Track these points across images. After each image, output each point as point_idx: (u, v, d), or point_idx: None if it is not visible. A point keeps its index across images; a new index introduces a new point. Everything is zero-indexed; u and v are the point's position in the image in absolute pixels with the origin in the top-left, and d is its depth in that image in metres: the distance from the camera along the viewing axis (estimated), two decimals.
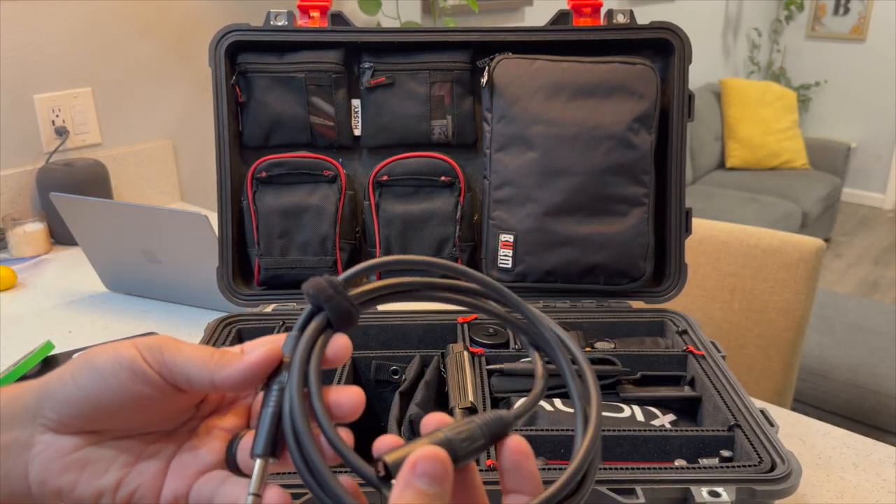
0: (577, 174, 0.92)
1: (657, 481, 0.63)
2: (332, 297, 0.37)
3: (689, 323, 0.92)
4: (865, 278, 3.81)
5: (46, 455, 0.37)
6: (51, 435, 0.38)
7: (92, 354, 0.37)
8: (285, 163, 0.96)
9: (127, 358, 0.37)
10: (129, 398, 0.37)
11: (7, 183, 1.59)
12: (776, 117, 4.05)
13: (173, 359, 0.37)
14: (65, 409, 0.37)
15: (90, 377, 0.37)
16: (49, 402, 0.37)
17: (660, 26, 0.92)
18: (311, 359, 0.36)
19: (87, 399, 0.37)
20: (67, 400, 0.37)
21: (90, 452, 0.38)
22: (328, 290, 0.37)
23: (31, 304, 1.31)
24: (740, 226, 1.51)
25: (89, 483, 0.38)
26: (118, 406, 0.37)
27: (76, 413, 0.37)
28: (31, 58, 1.60)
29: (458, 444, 0.33)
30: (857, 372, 2.07)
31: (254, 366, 0.37)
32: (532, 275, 0.94)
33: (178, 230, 1.17)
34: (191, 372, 0.37)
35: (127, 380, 0.36)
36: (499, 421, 0.36)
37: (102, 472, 0.38)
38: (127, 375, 0.36)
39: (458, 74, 0.96)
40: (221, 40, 0.93)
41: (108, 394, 0.36)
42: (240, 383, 0.37)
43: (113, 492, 0.38)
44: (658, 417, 0.78)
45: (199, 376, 0.37)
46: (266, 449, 0.35)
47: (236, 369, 0.37)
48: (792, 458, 0.65)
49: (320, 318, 0.37)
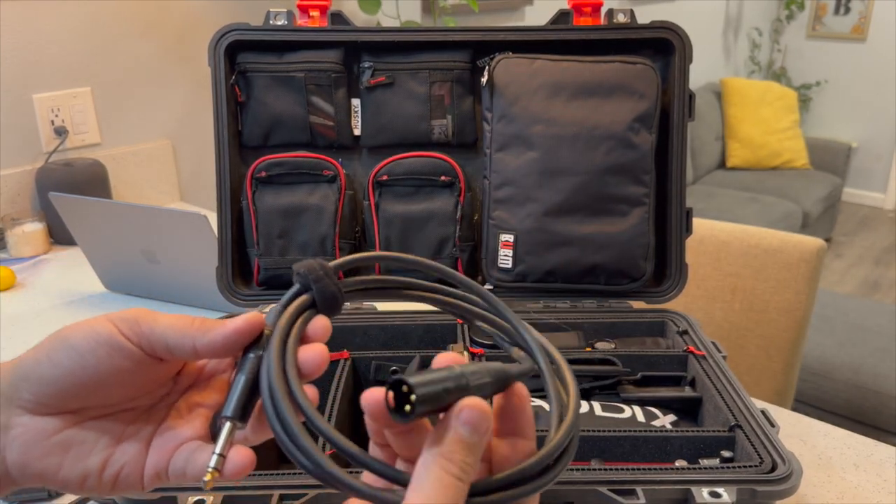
0: (577, 174, 0.92)
1: (658, 482, 0.63)
2: (321, 278, 0.37)
3: (690, 323, 0.92)
4: (866, 278, 3.81)
5: (26, 438, 0.37)
6: (29, 417, 0.37)
7: (67, 332, 0.37)
8: (285, 162, 0.96)
9: (104, 334, 0.36)
10: (107, 374, 0.37)
11: (6, 183, 1.59)
12: (777, 117, 4.05)
13: (151, 328, 0.37)
14: (42, 390, 0.37)
15: (67, 356, 0.36)
16: (25, 384, 0.37)
17: (660, 26, 0.92)
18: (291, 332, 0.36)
19: (65, 378, 0.36)
20: (44, 380, 0.36)
21: (72, 434, 0.38)
22: (318, 271, 0.37)
23: (30, 304, 1.31)
24: (741, 226, 1.51)
25: (74, 465, 0.38)
26: (97, 383, 0.37)
27: (54, 392, 0.37)
28: (31, 57, 1.60)
29: (474, 382, 0.34)
30: (858, 372, 2.07)
31: (236, 331, 0.37)
32: (532, 275, 0.94)
33: (178, 230, 1.16)
34: (170, 339, 0.37)
35: (105, 356, 0.36)
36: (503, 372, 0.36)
37: (87, 454, 0.38)
38: (105, 351, 0.36)
39: (458, 74, 0.96)
40: (221, 40, 0.92)
41: (86, 371, 0.36)
42: (221, 349, 0.37)
43: (99, 473, 0.38)
44: (659, 418, 0.78)
45: (180, 343, 0.37)
46: (235, 412, 0.36)
47: (218, 334, 0.37)
48: (793, 459, 0.65)
49: (306, 297, 0.37)
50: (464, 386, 0.33)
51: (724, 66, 4.47)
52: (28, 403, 0.37)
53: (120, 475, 0.38)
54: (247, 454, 0.36)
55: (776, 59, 4.80)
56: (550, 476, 0.35)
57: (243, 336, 0.37)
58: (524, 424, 0.36)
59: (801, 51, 4.74)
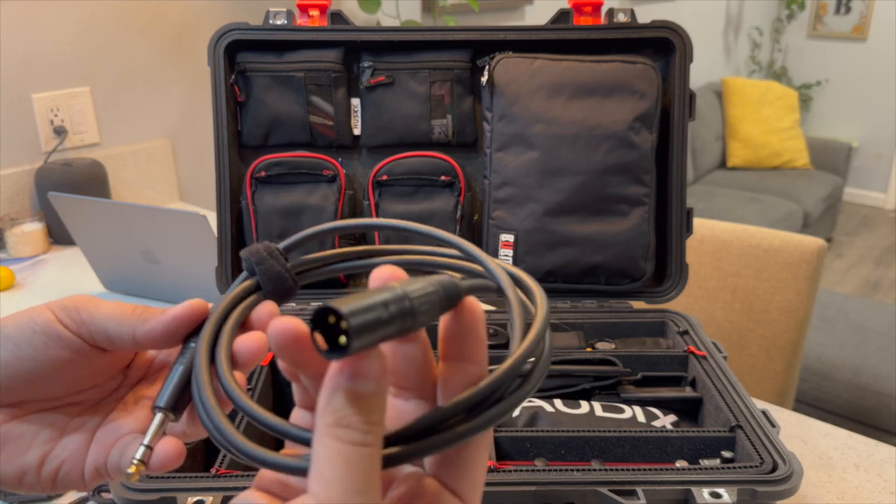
0: (577, 174, 0.91)
1: (658, 482, 0.63)
2: (264, 259, 0.35)
3: (691, 323, 0.91)
4: (867, 278, 3.80)
5: None
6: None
7: (2, 322, 0.35)
8: (284, 162, 0.96)
9: (40, 322, 0.35)
10: (46, 364, 0.35)
11: (5, 183, 1.59)
12: (777, 117, 4.05)
13: (91, 316, 0.35)
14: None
15: (3, 346, 0.34)
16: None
17: (661, 25, 0.92)
18: (230, 317, 0.34)
19: (1, 369, 0.34)
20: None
21: (10, 429, 0.36)
22: (261, 252, 0.35)
23: (29, 304, 1.31)
24: (742, 225, 1.50)
25: (10, 462, 0.36)
26: (35, 374, 0.35)
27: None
28: (30, 57, 1.60)
29: (419, 303, 0.27)
30: (859, 372, 2.07)
31: (175, 319, 0.35)
32: (532, 275, 0.93)
33: (177, 230, 1.16)
34: (110, 328, 0.35)
35: (41, 344, 0.34)
36: (453, 286, 0.29)
37: (24, 450, 0.36)
38: (41, 340, 0.34)
39: (458, 73, 0.95)
40: (220, 39, 0.92)
41: (23, 362, 0.34)
42: (162, 337, 0.35)
43: (37, 469, 0.36)
44: (659, 418, 0.78)
45: (120, 332, 0.35)
46: (168, 403, 0.34)
47: (159, 321, 0.35)
48: (793, 459, 0.65)
49: (250, 282, 0.35)
50: (407, 309, 0.26)
51: (724, 66, 4.47)
52: None
53: (59, 472, 0.37)
54: (175, 445, 0.34)
55: (777, 58, 4.80)
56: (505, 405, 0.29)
57: (184, 324, 0.35)
58: (475, 346, 0.30)
59: (801, 50, 4.74)
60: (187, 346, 0.35)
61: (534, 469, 0.65)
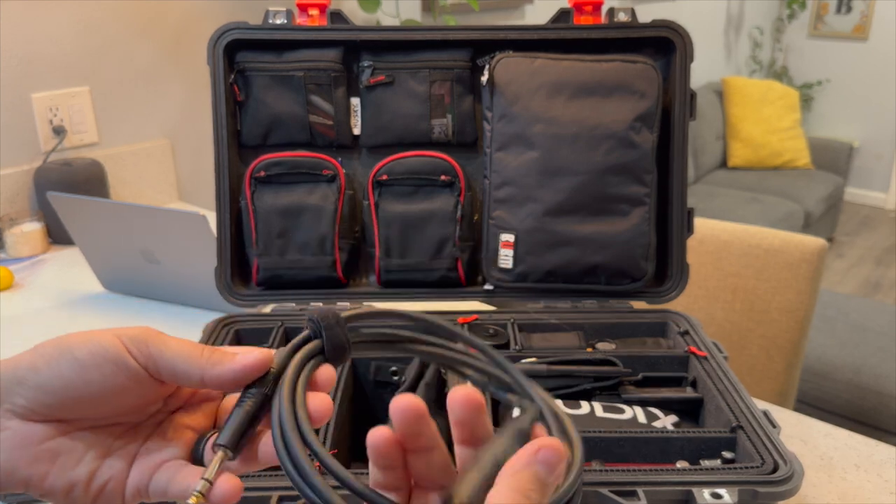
0: (578, 173, 0.91)
1: (659, 483, 0.63)
2: (332, 327, 0.38)
3: (691, 323, 0.91)
4: (868, 278, 3.80)
5: (13, 442, 0.36)
6: (18, 421, 0.37)
7: (71, 343, 0.36)
8: (284, 162, 0.95)
9: (111, 351, 0.36)
10: (109, 390, 0.36)
11: (4, 182, 1.58)
12: (778, 116, 4.04)
13: (160, 352, 0.37)
14: (38, 398, 0.36)
15: (70, 367, 0.36)
16: (20, 389, 0.36)
17: (661, 24, 0.91)
18: (300, 378, 0.37)
19: (65, 389, 0.36)
20: (42, 388, 0.36)
21: (60, 444, 0.37)
22: (331, 320, 0.38)
23: (28, 304, 1.30)
24: (742, 225, 1.50)
25: (61, 475, 0.37)
26: (96, 397, 0.37)
27: (51, 402, 0.36)
28: (30, 57, 1.59)
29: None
30: (860, 373, 2.07)
31: (246, 368, 0.37)
32: (533, 275, 0.94)
33: (177, 230, 1.16)
34: (178, 367, 0.37)
35: (110, 373, 0.36)
36: (524, 435, 0.36)
37: (74, 465, 0.38)
38: (110, 369, 0.36)
39: (459, 73, 0.95)
40: (220, 39, 0.92)
41: (88, 386, 0.36)
42: (229, 383, 0.37)
43: (85, 484, 0.38)
44: (660, 419, 0.78)
45: (188, 372, 0.37)
46: (230, 442, 0.37)
47: (228, 369, 0.37)
48: (794, 460, 0.65)
49: (316, 344, 0.38)
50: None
51: (725, 66, 4.47)
52: (20, 408, 0.36)
53: (105, 489, 0.38)
54: (235, 484, 0.36)
55: (778, 58, 4.80)
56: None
57: (252, 373, 0.37)
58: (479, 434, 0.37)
59: (802, 50, 4.74)
60: (248, 391, 0.38)
61: None
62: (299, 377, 0.37)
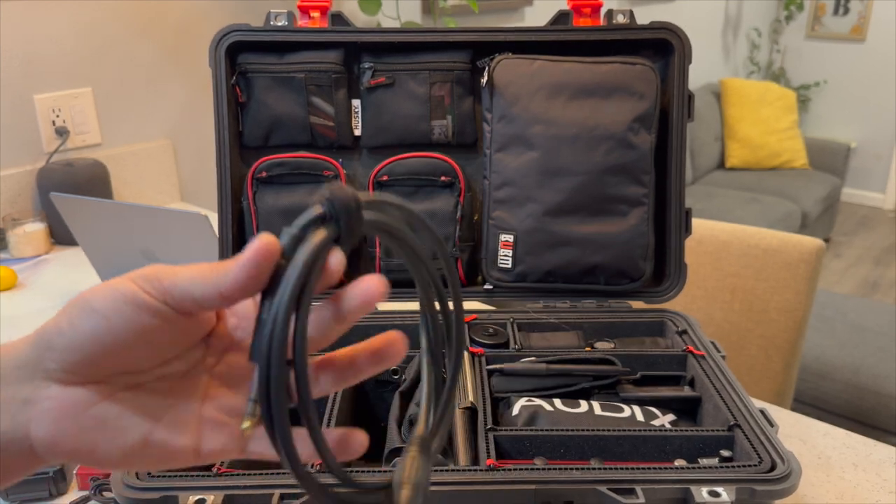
0: (577, 174, 0.92)
1: (657, 481, 0.63)
2: (353, 213, 0.34)
3: (689, 323, 0.92)
4: (865, 278, 3.81)
5: (57, 413, 0.35)
6: (58, 387, 0.35)
7: (87, 297, 0.35)
8: (285, 163, 0.96)
9: (127, 293, 0.35)
10: (134, 333, 0.35)
11: (7, 183, 1.59)
12: (776, 117, 4.05)
13: (173, 283, 0.35)
14: (68, 357, 0.35)
15: (90, 319, 0.35)
16: (49, 353, 0.35)
17: (660, 26, 0.92)
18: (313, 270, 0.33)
19: (91, 342, 0.35)
20: (69, 347, 0.35)
21: (106, 409, 0.36)
22: (352, 203, 0.34)
23: (31, 304, 1.31)
24: (740, 226, 1.51)
25: (112, 443, 0.36)
26: (124, 344, 0.35)
27: (80, 359, 0.35)
28: (32, 58, 1.60)
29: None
30: (858, 372, 2.07)
31: (250, 259, 0.34)
32: (532, 275, 0.94)
33: (178, 230, 1.17)
34: (195, 291, 0.35)
35: (130, 314, 0.34)
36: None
37: (124, 431, 0.36)
38: (130, 310, 0.34)
39: (458, 74, 0.96)
40: (222, 40, 0.93)
41: (112, 334, 0.35)
42: (246, 284, 0.35)
43: (141, 450, 0.36)
44: (658, 417, 0.78)
45: (205, 292, 0.35)
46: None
47: (240, 268, 0.34)
48: (792, 458, 0.65)
49: (330, 231, 0.34)
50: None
51: (723, 67, 4.47)
52: (54, 373, 0.35)
53: (163, 451, 0.37)
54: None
55: (775, 59, 4.80)
56: None
57: (264, 263, 0.35)
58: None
59: (800, 51, 4.74)
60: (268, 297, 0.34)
61: (533, 468, 0.66)
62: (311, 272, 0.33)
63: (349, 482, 0.37)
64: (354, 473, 0.64)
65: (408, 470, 0.37)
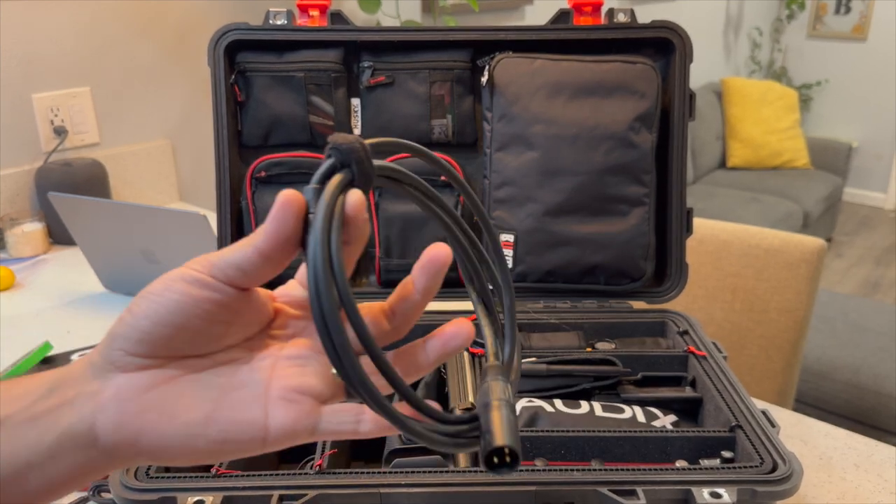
0: (577, 174, 0.91)
1: (658, 482, 0.63)
2: (363, 159, 0.35)
3: (691, 323, 0.91)
4: (867, 278, 3.81)
5: (118, 397, 0.36)
6: (122, 376, 0.36)
7: (146, 289, 0.37)
8: (284, 162, 0.96)
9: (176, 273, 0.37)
10: (188, 308, 0.36)
11: (5, 183, 1.59)
12: (777, 117, 4.05)
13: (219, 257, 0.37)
14: (129, 342, 0.36)
15: (147, 304, 0.36)
16: (113, 343, 0.36)
17: (661, 25, 0.92)
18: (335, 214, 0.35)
19: (149, 322, 0.36)
20: (129, 332, 0.36)
21: (167, 390, 0.37)
22: (359, 150, 0.35)
23: (29, 304, 1.31)
24: (742, 225, 1.51)
25: (175, 421, 0.36)
26: (181, 323, 0.36)
27: (139, 340, 0.36)
28: (30, 57, 1.60)
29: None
30: (859, 372, 2.07)
31: (276, 211, 0.35)
32: (532, 275, 0.94)
33: (177, 230, 1.16)
34: (236, 257, 0.36)
35: (182, 289, 0.36)
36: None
37: (187, 408, 0.37)
38: (181, 286, 0.36)
39: (459, 74, 0.95)
40: (220, 39, 0.92)
41: (168, 311, 0.36)
42: (278, 234, 0.36)
43: (203, 428, 0.37)
44: (659, 418, 0.78)
45: (245, 254, 0.36)
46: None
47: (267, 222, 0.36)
48: (793, 459, 0.65)
49: (344, 176, 0.36)
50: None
51: (724, 66, 4.47)
52: (119, 362, 0.36)
53: (228, 431, 0.37)
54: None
55: (777, 58, 4.80)
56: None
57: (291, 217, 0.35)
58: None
59: (801, 50, 4.74)
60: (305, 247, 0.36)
61: (534, 469, 0.65)
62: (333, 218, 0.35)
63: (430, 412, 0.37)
64: (353, 475, 0.63)
65: (495, 392, 0.37)
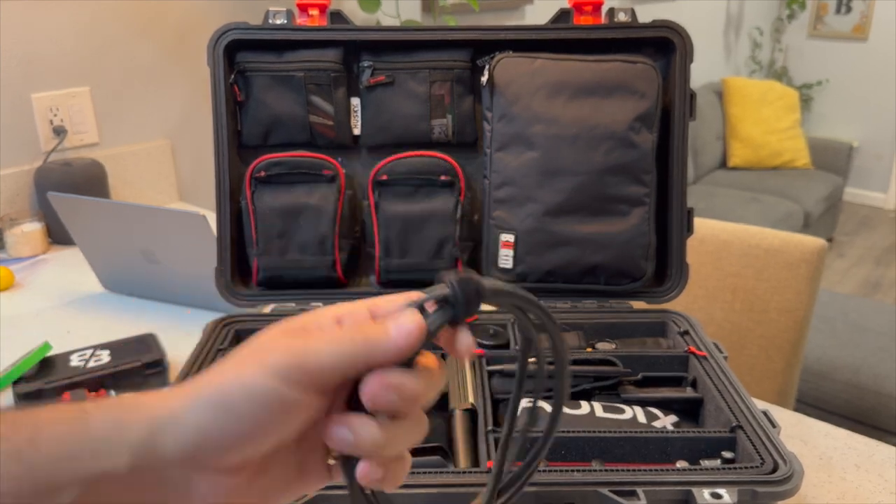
0: (577, 174, 0.91)
1: (659, 483, 0.63)
2: (472, 303, 0.36)
3: (691, 323, 0.91)
4: (867, 278, 3.80)
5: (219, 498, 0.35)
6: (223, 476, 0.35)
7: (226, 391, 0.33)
8: (284, 162, 0.95)
9: (270, 395, 0.33)
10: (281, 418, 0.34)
11: (5, 183, 1.58)
12: (778, 116, 4.04)
13: (320, 368, 0.34)
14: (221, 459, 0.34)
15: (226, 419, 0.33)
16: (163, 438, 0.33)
17: (661, 25, 0.92)
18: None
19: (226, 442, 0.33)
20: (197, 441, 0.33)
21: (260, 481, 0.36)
22: (473, 295, 0.36)
23: (28, 304, 1.30)
24: (742, 225, 1.50)
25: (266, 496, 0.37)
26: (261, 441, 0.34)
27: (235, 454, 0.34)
28: (30, 57, 1.59)
29: None
30: (859, 372, 2.07)
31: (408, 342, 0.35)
32: (533, 275, 0.94)
33: (177, 230, 1.16)
34: (343, 365, 0.34)
35: (275, 415, 0.34)
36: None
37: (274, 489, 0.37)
38: (275, 416, 0.33)
39: (459, 73, 0.95)
40: (220, 39, 0.92)
41: (249, 438, 0.34)
42: (397, 358, 0.35)
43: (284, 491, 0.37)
44: (659, 419, 0.78)
45: (354, 368, 0.34)
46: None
47: (393, 346, 0.35)
48: (794, 460, 0.65)
49: (448, 313, 0.36)
50: None
51: (725, 66, 4.47)
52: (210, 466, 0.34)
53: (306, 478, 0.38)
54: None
55: (777, 58, 4.80)
56: None
57: (416, 345, 0.35)
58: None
59: (802, 50, 4.74)
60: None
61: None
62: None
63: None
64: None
65: None
